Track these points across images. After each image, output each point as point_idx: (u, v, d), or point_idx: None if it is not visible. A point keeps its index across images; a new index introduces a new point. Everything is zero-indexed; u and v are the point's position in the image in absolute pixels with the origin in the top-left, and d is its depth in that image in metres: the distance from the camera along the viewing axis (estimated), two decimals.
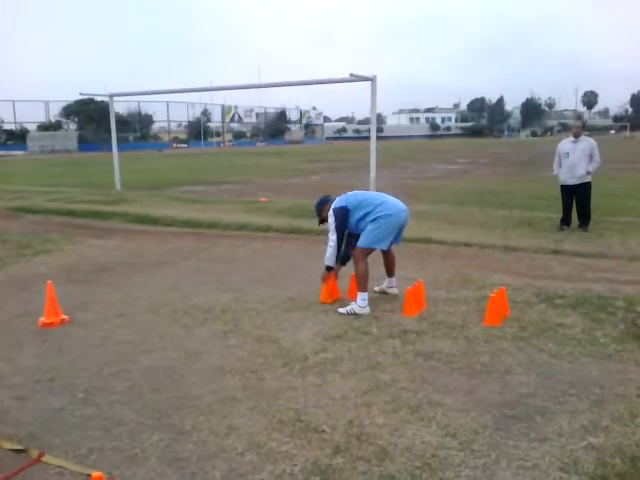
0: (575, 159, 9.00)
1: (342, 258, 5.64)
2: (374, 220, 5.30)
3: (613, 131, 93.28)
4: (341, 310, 5.26)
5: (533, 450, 2.97)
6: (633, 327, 4.72)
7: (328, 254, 5.49)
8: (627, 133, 76.99)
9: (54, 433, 3.24)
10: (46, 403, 3.61)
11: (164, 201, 14.15)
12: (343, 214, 5.39)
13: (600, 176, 9.61)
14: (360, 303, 5.23)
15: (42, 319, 5.09)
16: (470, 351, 4.33)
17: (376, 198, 5.51)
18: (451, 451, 2.98)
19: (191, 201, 14.10)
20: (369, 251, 5.40)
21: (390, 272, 5.77)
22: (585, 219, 9.16)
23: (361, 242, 5.36)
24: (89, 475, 2.61)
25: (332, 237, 5.43)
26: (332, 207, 5.47)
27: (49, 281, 5.20)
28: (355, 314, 5.18)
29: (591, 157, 8.98)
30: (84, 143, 61.91)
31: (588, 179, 9.06)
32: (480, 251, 7.88)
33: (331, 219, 5.45)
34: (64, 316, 5.17)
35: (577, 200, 9.17)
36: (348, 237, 5.59)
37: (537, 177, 18.37)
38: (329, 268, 5.54)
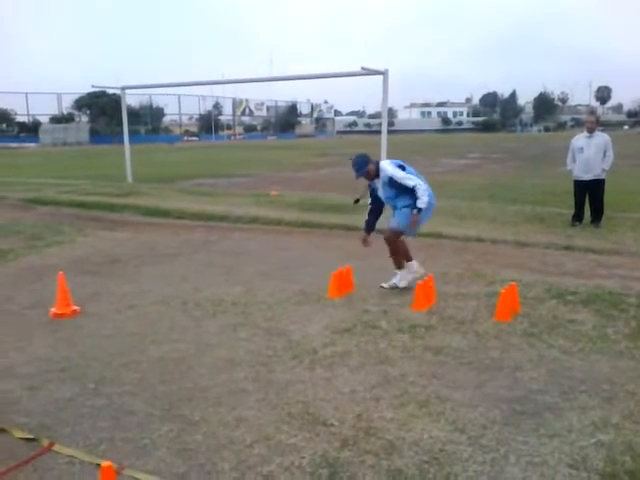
0: (589, 154, 8.90)
1: (370, 225, 5.86)
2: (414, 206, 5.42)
3: (627, 126, 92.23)
4: (401, 284, 5.62)
5: (542, 446, 2.96)
6: None
7: (423, 198, 5.39)
8: None
9: (64, 423, 3.27)
10: (57, 393, 3.65)
11: (175, 194, 14.19)
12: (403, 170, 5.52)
13: (613, 172, 9.49)
14: (407, 271, 5.66)
15: (53, 310, 5.13)
16: (480, 346, 4.32)
17: (418, 175, 5.63)
18: (459, 446, 2.97)
19: (202, 194, 14.13)
20: (400, 234, 5.57)
21: (400, 264, 5.77)
22: (598, 215, 9.07)
23: (396, 225, 5.52)
24: (99, 465, 2.63)
25: (418, 182, 5.41)
26: (392, 165, 5.55)
27: (60, 272, 5.24)
28: (412, 279, 5.60)
29: (605, 153, 8.88)
30: (96, 136, 62.15)
31: (602, 175, 8.98)
32: (491, 246, 7.83)
33: (399, 174, 5.45)
34: (75, 307, 5.21)
35: (590, 196, 9.08)
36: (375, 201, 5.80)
37: (549, 172, 18.22)
38: (419, 210, 5.45)
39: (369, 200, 5.92)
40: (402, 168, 5.54)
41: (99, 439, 3.11)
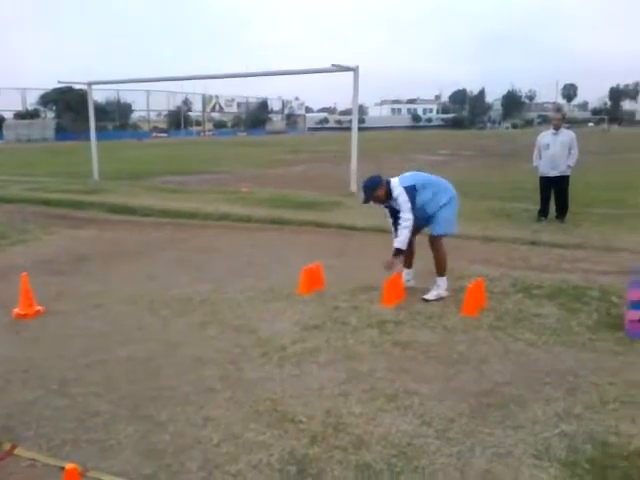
0: (555, 151, 9.07)
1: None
2: (447, 204, 5.32)
3: (592, 124, 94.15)
4: (429, 297, 5.31)
5: (507, 438, 3.01)
6: (607, 316, 4.80)
7: (402, 237, 5.18)
8: (605, 126, 77.78)
9: (27, 425, 3.20)
10: (19, 395, 3.57)
11: (143, 191, 13.99)
12: (412, 193, 5.21)
13: (578, 168, 9.70)
14: (444, 286, 5.41)
15: (16, 310, 5.01)
16: (447, 341, 4.37)
17: (435, 179, 5.48)
18: (427, 439, 3.01)
19: (171, 191, 13.98)
20: (442, 238, 5.47)
21: (410, 263, 5.76)
22: (563, 210, 9.25)
23: (438, 230, 5.39)
24: (62, 467, 2.58)
25: (408, 217, 5.16)
26: (401, 186, 5.21)
27: (24, 273, 5.12)
28: (442, 298, 5.31)
29: (570, 150, 9.06)
30: (62, 132, 60.75)
31: (567, 172, 9.16)
32: (459, 242, 7.88)
33: (403, 198, 5.16)
34: (39, 307, 5.10)
35: (555, 192, 9.25)
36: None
37: (516, 169, 18.50)
38: (399, 252, 5.25)
39: (390, 221, 5.54)
40: (413, 188, 5.22)
41: (63, 441, 3.05)
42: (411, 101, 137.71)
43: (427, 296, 5.33)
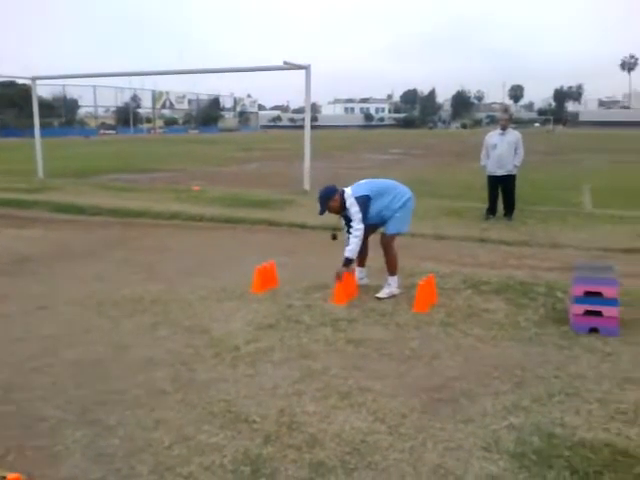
0: (502, 151, 9.32)
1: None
2: (401, 207, 5.35)
3: (538, 124, 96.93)
4: (381, 295, 5.34)
5: (458, 431, 3.07)
6: (553, 311, 4.96)
7: (353, 246, 5.21)
8: (550, 126, 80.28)
9: None
10: None
11: (90, 189, 13.62)
12: (366, 203, 5.23)
13: (524, 167, 10.00)
14: (395, 284, 5.45)
15: None
16: (400, 337, 4.42)
17: (390, 184, 5.50)
18: (380, 435, 3.03)
19: (120, 189, 13.65)
20: (395, 237, 5.51)
21: (363, 262, 5.76)
22: (510, 209, 9.52)
23: (391, 229, 5.43)
24: (4, 477, 2.48)
25: (359, 227, 5.19)
26: (353, 196, 5.23)
27: None
28: (394, 296, 5.35)
29: (516, 149, 9.33)
30: (4, 128, 58.57)
31: (514, 171, 9.42)
32: (411, 239, 8.01)
33: (354, 208, 5.19)
34: None
35: (503, 190, 9.51)
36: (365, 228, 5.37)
37: (466, 168, 18.90)
38: (349, 261, 5.28)
39: (345, 229, 5.53)
40: (367, 198, 5.25)
41: (7, 449, 2.93)
42: (364, 100, 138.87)
43: (379, 294, 5.38)
